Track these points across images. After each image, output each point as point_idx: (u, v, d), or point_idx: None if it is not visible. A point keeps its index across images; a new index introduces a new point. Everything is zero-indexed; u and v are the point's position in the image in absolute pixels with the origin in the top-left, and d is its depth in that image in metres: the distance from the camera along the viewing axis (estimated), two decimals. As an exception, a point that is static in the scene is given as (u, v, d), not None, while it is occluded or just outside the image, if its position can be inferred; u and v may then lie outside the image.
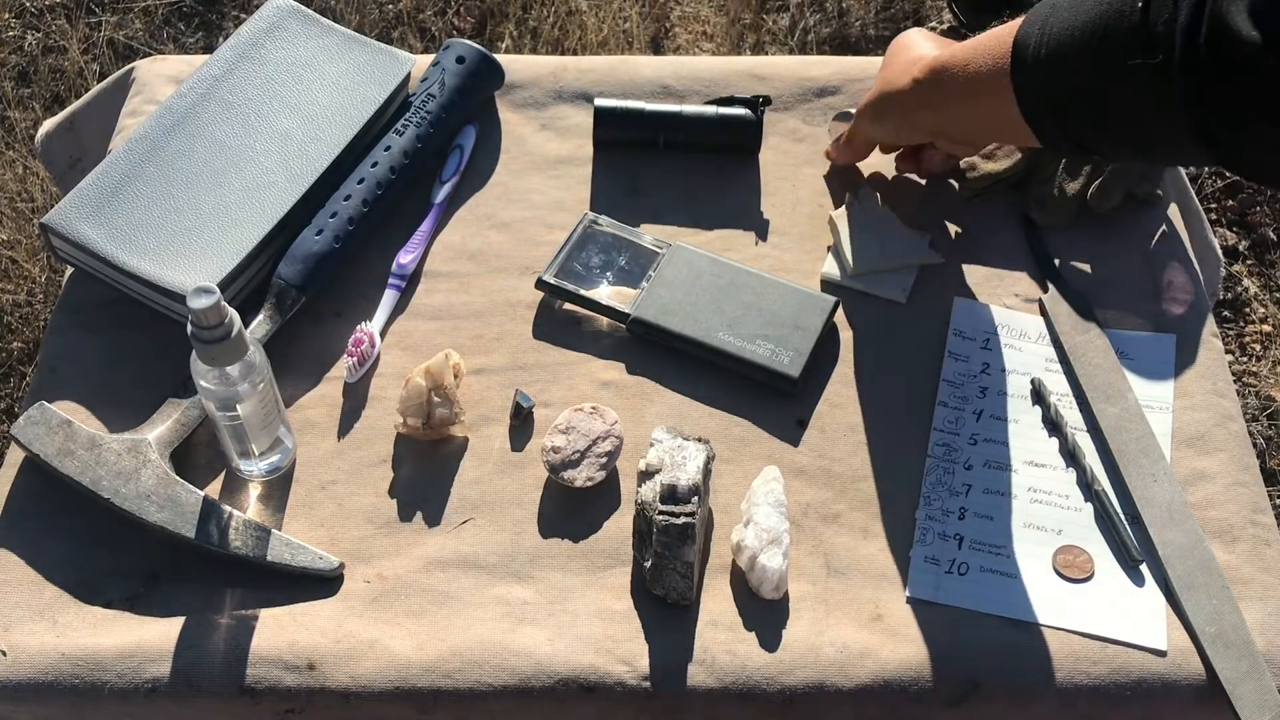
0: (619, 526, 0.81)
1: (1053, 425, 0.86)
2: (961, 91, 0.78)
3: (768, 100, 1.01)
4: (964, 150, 0.93)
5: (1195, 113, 0.62)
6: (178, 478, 0.80)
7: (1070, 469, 0.84)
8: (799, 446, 0.85)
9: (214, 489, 0.82)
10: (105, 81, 1.10)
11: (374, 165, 0.95)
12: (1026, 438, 0.86)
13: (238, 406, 0.75)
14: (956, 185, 0.99)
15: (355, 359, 0.87)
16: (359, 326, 0.88)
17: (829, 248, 0.96)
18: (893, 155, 0.99)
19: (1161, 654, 0.75)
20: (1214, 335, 0.91)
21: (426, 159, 0.99)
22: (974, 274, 0.95)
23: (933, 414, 0.87)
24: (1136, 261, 0.95)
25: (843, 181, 1.00)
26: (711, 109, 1.01)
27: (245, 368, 0.74)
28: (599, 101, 1.01)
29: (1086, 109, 0.70)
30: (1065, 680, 0.74)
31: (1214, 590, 0.77)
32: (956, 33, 1.06)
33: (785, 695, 0.74)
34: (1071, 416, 0.86)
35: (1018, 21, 0.73)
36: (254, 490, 0.83)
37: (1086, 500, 0.82)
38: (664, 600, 0.77)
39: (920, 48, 0.86)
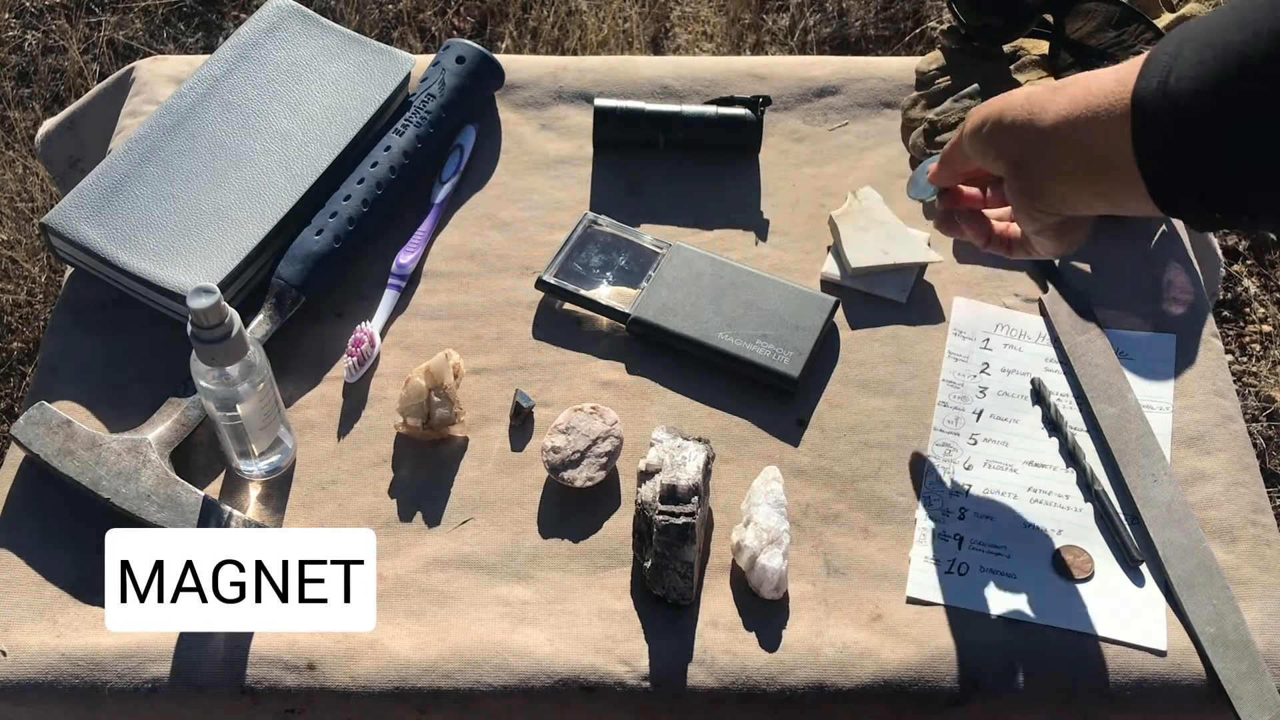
0: (619, 526, 0.81)
1: (1053, 425, 0.86)
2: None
3: (768, 100, 1.01)
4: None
5: None
6: (178, 478, 0.80)
7: (1070, 469, 0.84)
8: (799, 446, 0.85)
9: (214, 489, 0.82)
10: (105, 81, 1.10)
11: (374, 165, 0.95)
12: (1026, 438, 0.86)
13: (238, 406, 0.75)
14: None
15: (355, 359, 0.87)
16: (359, 326, 0.88)
17: (829, 248, 0.96)
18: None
19: (1161, 654, 0.75)
20: (1214, 335, 0.91)
21: (426, 159, 0.99)
22: (974, 274, 0.94)
23: (933, 414, 0.87)
24: (1136, 261, 0.95)
25: (843, 180, 1.00)
26: (711, 109, 1.01)
27: (245, 368, 0.74)
28: (599, 101, 1.01)
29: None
30: (1065, 680, 0.74)
31: (1214, 590, 0.77)
32: (955, 33, 1.05)
33: (785, 695, 0.74)
34: (1071, 416, 0.86)
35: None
36: (254, 490, 0.83)
37: (1086, 500, 0.82)
38: (664, 600, 0.77)
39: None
